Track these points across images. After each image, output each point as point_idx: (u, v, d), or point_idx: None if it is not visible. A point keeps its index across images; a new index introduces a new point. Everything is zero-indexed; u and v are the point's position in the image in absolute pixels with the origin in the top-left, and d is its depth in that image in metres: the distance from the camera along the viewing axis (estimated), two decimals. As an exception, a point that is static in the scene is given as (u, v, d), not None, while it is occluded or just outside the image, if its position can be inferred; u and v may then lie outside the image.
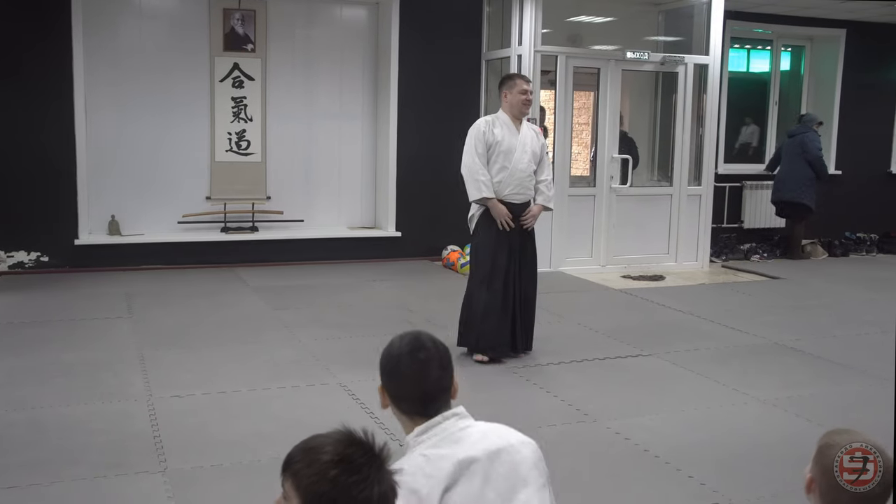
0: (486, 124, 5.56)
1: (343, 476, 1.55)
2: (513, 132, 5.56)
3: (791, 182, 10.08)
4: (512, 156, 5.51)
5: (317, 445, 1.61)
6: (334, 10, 9.43)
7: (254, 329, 6.30)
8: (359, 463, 1.57)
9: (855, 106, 10.79)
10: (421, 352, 2.06)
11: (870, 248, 10.91)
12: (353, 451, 1.59)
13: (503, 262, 5.54)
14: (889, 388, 5.28)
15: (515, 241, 5.60)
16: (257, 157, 9.05)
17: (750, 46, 11.11)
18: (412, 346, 2.06)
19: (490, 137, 5.50)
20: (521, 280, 5.65)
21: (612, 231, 9.27)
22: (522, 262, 5.65)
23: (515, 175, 5.53)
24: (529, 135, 5.61)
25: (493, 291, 5.53)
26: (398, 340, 2.09)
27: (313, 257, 8.98)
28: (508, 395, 5.01)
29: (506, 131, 5.54)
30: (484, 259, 5.59)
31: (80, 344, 5.79)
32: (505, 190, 5.54)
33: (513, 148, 5.51)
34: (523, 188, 5.60)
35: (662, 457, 4.09)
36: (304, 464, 1.59)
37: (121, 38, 8.62)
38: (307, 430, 1.78)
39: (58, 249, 8.26)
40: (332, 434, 1.63)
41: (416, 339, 2.09)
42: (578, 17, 9.97)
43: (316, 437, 1.65)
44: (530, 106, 5.70)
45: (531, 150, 5.56)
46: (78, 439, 4.11)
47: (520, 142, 5.53)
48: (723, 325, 6.77)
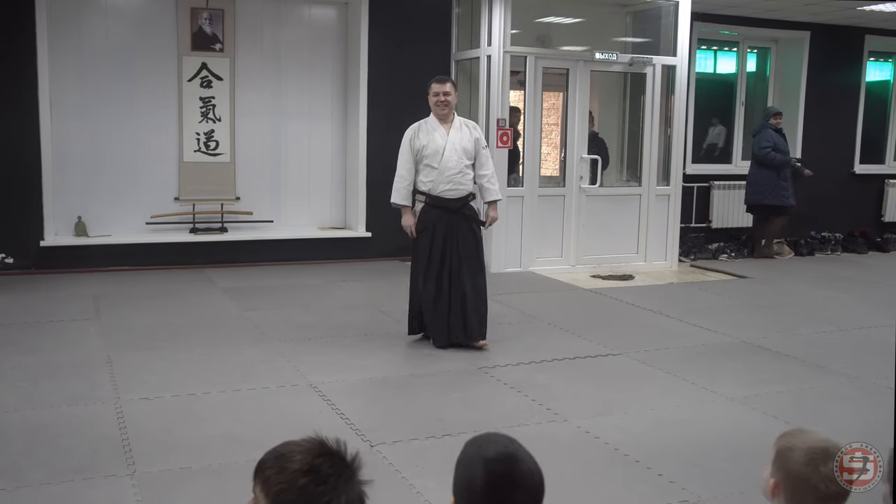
0: (412, 131, 5.89)
1: (311, 485, 1.57)
2: (441, 133, 5.83)
3: (752, 185, 10.23)
4: (440, 156, 5.78)
5: (287, 453, 1.63)
6: (303, 9, 9.39)
7: (223, 330, 6.25)
8: (326, 473, 1.59)
9: (819, 107, 10.94)
10: (517, 490, 1.65)
11: (835, 248, 11.06)
12: (323, 461, 1.61)
13: (439, 256, 5.82)
14: (856, 386, 5.36)
15: (455, 234, 5.84)
16: (226, 157, 8.98)
17: (717, 48, 11.22)
18: (505, 479, 1.64)
19: (416, 143, 5.83)
20: (462, 272, 5.85)
21: (581, 231, 9.32)
22: (462, 255, 5.86)
23: (445, 174, 5.79)
24: (461, 133, 5.85)
25: (430, 283, 5.82)
26: (481, 465, 1.66)
27: (283, 258, 8.93)
28: (480, 395, 5.02)
29: (432, 135, 5.83)
30: (422, 253, 5.86)
31: (46, 346, 5.71)
32: (438, 188, 5.81)
33: (440, 149, 5.79)
34: (456, 184, 5.83)
35: (632, 455, 4.12)
36: (274, 470, 1.61)
37: (86, 37, 8.51)
38: (278, 431, 1.78)
39: (23, 251, 8.14)
40: (304, 442, 1.65)
41: (509, 468, 1.66)
42: (547, 18, 10.01)
43: (288, 443, 1.67)
44: (447, 106, 5.86)
45: (462, 148, 5.82)
46: (44, 443, 4.05)
47: (448, 141, 5.80)
48: (691, 324, 6.83)
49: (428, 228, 5.84)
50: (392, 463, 3.94)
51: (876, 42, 11.58)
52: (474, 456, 1.69)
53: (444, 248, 5.83)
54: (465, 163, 5.84)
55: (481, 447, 1.70)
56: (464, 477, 1.68)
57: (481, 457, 1.67)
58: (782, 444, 1.97)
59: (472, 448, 1.71)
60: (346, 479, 1.60)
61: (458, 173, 5.80)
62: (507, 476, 1.64)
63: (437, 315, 5.85)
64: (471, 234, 5.92)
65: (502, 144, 8.81)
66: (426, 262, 5.83)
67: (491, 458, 1.66)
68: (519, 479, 1.64)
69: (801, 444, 1.92)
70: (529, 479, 1.66)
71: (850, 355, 6.02)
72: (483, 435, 1.77)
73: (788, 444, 1.95)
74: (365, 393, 5.05)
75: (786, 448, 1.94)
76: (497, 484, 1.63)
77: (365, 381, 5.23)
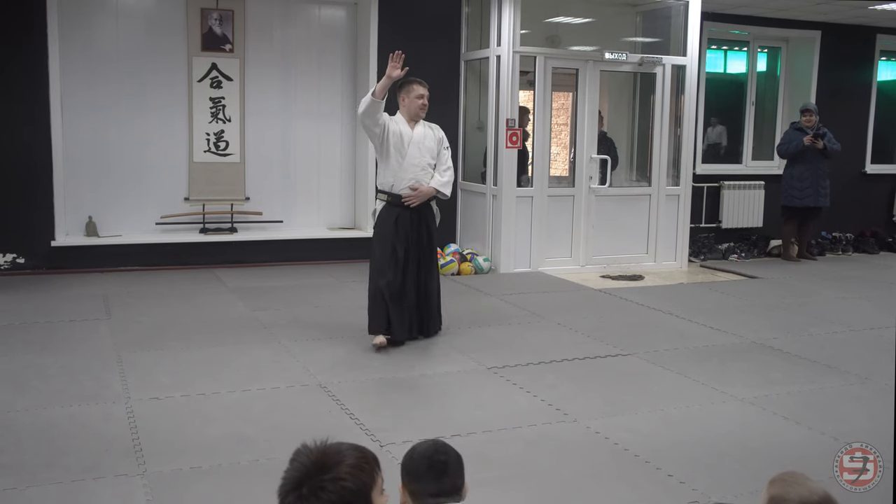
0: (386, 116, 5.88)
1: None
2: (408, 129, 5.95)
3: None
4: (405, 150, 5.88)
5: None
6: (313, 9, 9.40)
7: (233, 330, 6.27)
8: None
9: (830, 106, 10.88)
10: (440, 454, 2.34)
11: (845, 248, 11.02)
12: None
13: (401, 253, 5.89)
14: (867, 387, 5.34)
15: (413, 233, 5.94)
16: (236, 157, 9.01)
17: (727, 47, 11.19)
18: (433, 450, 2.35)
19: (389, 124, 5.85)
20: (420, 269, 5.98)
21: (591, 231, 9.31)
22: (421, 252, 5.97)
23: (410, 170, 5.88)
24: (426, 132, 6.00)
25: (388, 280, 5.85)
26: (419, 446, 2.39)
27: (292, 258, 8.95)
28: (489, 395, 5.01)
29: (401, 127, 5.92)
30: (382, 249, 5.91)
31: (57, 346, 5.74)
32: (401, 184, 5.89)
33: (407, 143, 5.89)
34: (419, 182, 5.92)
35: (642, 456, 4.11)
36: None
37: (97, 38, 8.55)
38: (287, 431, 1.78)
39: (34, 251, 8.18)
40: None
41: (432, 443, 2.40)
42: (557, 18, 10.00)
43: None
44: (426, 109, 5.99)
45: (426, 147, 5.96)
46: (54, 442, 4.07)
47: (414, 140, 5.92)
48: (701, 325, 6.82)
49: (388, 222, 5.91)
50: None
51: (887, 41, 11.52)
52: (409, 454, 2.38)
53: (407, 244, 5.92)
54: (428, 161, 5.96)
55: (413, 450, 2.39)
56: (405, 458, 2.37)
57: (414, 447, 2.40)
58: (775, 492, 1.93)
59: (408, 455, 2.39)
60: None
61: (421, 170, 5.91)
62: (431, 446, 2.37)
63: (401, 309, 5.89)
64: (429, 233, 6.07)
65: (511, 145, 8.81)
66: (390, 257, 5.87)
67: (420, 443, 2.41)
68: (438, 447, 2.37)
69: (795, 496, 1.88)
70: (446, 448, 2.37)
71: (861, 356, 5.99)
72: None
73: (782, 494, 1.91)
74: (374, 393, 5.06)
75: (779, 497, 1.91)
76: (426, 452, 2.34)
77: (374, 381, 5.24)
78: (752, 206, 10.73)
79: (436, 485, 2.29)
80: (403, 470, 2.35)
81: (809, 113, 10.06)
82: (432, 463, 2.31)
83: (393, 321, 5.88)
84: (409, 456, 2.38)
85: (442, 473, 2.31)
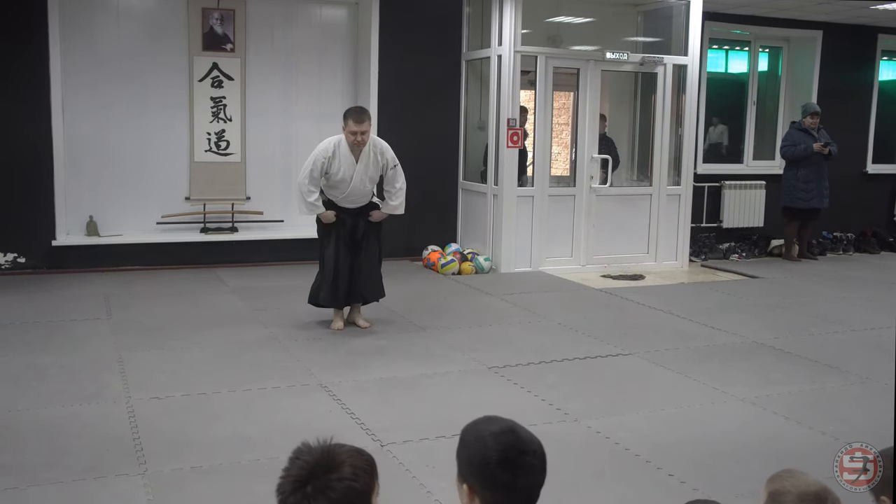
0: (326, 152, 6.13)
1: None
2: (350, 162, 6.15)
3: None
4: (347, 184, 6.19)
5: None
6: (314, 9, 9.40)
7: (234, 330, 6.27)
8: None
9: (831, 106, 10.86)
10: (526, 455, 1.87)
11: (846, 248, 11.01)
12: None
13: (341, 247, 6.31)
14: (867, 387, 5.34)
15: (351, 229, 6.31)
16: (237, 157, 9.01)
17: (728, 47, 11.18)
18: (515, 448, 1.86)
19: (328, 167, 6.15)
20: (361, 249, 6.37)
21: (592, 231, 9.30)
22: (363, 237, 6.36)
23: (352, 196, 6.26)
24: (369, 160, 6.20)
25: (328, 267, 6.31)
26: (491, 439, 1.86)
27: (293, 258, 8.93)
28: (490, 395, 5.02)
29: (343, 162, 6.14)
30: (326, 243, 6.35)
31: (58, 346, 5.74)
32: (344, 203, 6.29)
33: (349, 177, 6.17)
34: (360, 199, 6.32)
35: (643, 455, 4.11)
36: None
37: (98, 38, 8.55)
38: (288, 431, 1.77)
39: (35, 250, 8.18)
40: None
41: (516, 437, 1.87)
42: (558, 18, 10.00)
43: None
44: (362, 145, 6.15)
45: (368, 177, 6.25)
46: (55, 442, 4.08)
47: (357, 171, 6.17)
48: (702, 324, 6.82)
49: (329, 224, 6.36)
50: (402, 463, 3.95)
51: (889, 41, 11.51)
52: (480, 435, 1.88)
53: (352, 231, 6.31)
54: (368, 184, 6.31)
55: (483, 427, 1.90)
56: (475, 455, 1.85)
57: (488, 432, 1.87)
58: (773, 487, 1.94)
59: (474, 430, 1.91)
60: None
61: (363, 195, 6.31)
62: (516, 443, 1.85)
63: (335, 277, 6.29)
64: (373, 230, 6.44)
65: (512, 144, 8.81)
66: (334, 238, 6.29)
67: (497, 432, 1.87)
68: (525, 444, 1.86)
69: (793, 489, 1.89)
70: (532, 443, 1.88)
71: (862, 355, 5.99)
72: (477, 419, 1.95)
73: (780, 489, 1.92)
74: (375, 393, 5.06)
75: (777, 492, 1.92)
76: (509, 452, 1.83)
77: (375, 380, 5.24)
78: (753, 205, 10.72)
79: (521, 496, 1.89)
80: (468, 467, 1.89)
81: (817, 115, 10.08)
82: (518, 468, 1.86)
83: (327, 300, 6.36)
84: (480, 452, 1.87)
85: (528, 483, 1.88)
